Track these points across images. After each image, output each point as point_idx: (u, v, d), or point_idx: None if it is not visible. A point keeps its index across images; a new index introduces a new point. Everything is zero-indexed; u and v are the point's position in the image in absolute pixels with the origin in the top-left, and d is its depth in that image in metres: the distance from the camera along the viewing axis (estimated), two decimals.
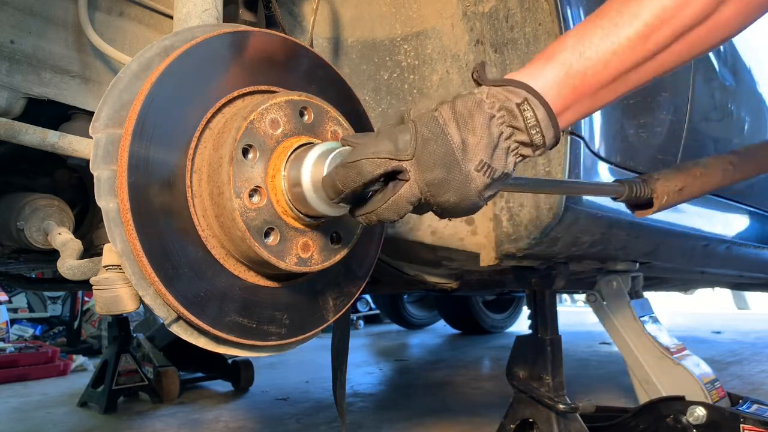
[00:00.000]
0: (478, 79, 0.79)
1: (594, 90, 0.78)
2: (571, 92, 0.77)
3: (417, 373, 4.07)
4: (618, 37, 0.76)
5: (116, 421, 2.88)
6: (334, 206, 0.83)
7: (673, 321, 6.93)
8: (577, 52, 0.77)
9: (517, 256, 1.49)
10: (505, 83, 0.77)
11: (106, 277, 0.85)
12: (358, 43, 1.55)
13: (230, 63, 0.91)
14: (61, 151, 1.01)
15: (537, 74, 0.77)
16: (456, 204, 0.76)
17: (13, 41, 1.06)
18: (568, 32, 0.81)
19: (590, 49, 0.76)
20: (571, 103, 0.78)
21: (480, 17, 1.41)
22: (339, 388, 1.63)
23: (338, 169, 0.77)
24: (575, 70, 0.77)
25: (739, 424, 1.71)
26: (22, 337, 5.33)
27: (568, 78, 0.77)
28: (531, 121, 0.75)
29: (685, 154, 1.87)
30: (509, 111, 0.75)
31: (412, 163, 0.75)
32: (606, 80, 0.78)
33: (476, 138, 0.74)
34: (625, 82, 0.79)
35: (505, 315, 6.30)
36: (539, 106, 0.75)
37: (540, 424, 1.72)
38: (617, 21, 0.76)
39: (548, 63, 0.78)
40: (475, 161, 0.74)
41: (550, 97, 0.76)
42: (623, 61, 0.77)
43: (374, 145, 0.75)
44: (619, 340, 2.09)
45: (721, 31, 0.79)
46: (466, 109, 0.75)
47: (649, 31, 0.75)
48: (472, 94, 0.77)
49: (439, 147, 0.74)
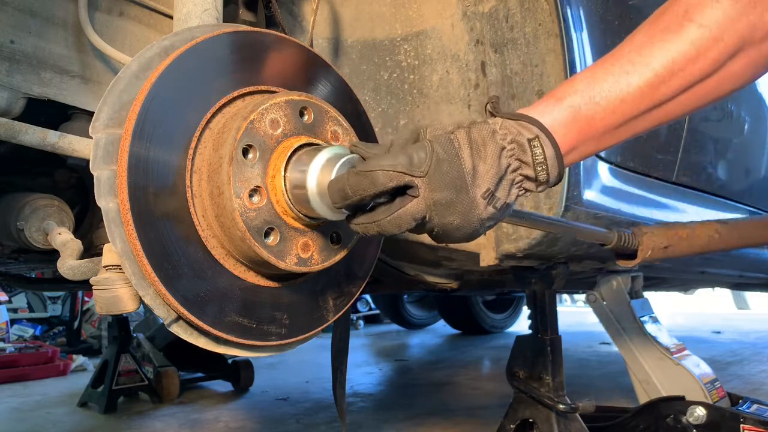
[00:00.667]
0: (493, 110, 0.81)
1: (600, 134, 0.80)
2: (577, 134, 0.79)
3: (417, 373, 4.07)
4: (627, 86, 0.77)
5: (116, 421, 2.88)
6: (337, 211, 0.83)
7: (673, 321, 6.93)
8: (587, 97, 0.79)
9: (517, 256, 1.49)
10: (519, 117, 0.79)
11: (106, 277, 0.85)
12: (358, 43, 1.55)
13: (230, 63, 0.91)
14: (61, 151, 1.01)
15: (545, 114, 0.79)
16: (458, 227, 0.77)
17: (13, 41, 1.06)
18: (578, 74, 0.82)
19: (599, 95, 0.78)
20: (576, 145, 0.80)
21: (480, 17, 1.41)
22: (339, 388, 1.63)
23: (350, 175, 0.77)
24: (583, 114, 0.79)
25: (739, 424, 1.71)
26: (22, 337, 5.33)
27: (575, 121, 0.79)
28: (539, 158, 0.77)
29: (685, 154, 1.87)
30: (520, 145, 0.77)
31: (424, 181, 0.76)
32: (612, 125, 0.80)
33: (486, 166, 0.76)
34: (630, 128, 0.81)
35: (505, 315, 6.30)
36: (549, 145, 0.77)
37: (540, 424, 1.72)
38: (628, 69, 0.78)
39: (558, 104, 0.79)
40: (482, 188, 0.76)
41: (558, 137, 0.78)
42: (631, 109, 0.78)
43: (390, 158, 0.76)
44: (619, 340, 2.09)
45: (730, 83, 0.80)
46: (480, 136, 0.77)
47: (659, 82, 0.77)
48: (486, 123, 0.79)
49: (452, 169, 0.75)
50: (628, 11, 1.57)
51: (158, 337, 3.60)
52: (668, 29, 0.77)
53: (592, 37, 1.42)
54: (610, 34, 1.50)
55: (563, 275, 1.78)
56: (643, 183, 1.70)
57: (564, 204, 1.40)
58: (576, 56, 1.34)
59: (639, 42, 0.79)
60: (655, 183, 1.76)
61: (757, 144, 2.43)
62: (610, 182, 1.55)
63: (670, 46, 0.76)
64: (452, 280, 1.99)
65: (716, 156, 2.15)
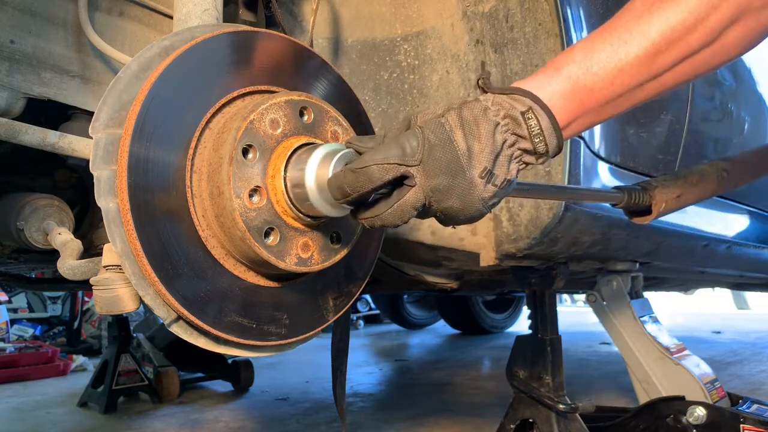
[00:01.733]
0: (484, 86, 0.81)
1: (599, 104, 0.79)
2: (576, 105, 0.79)
3: (417, 373, 4.07)
4: (626, 55, 0.77)
5: (116, 421, 2.88)
6: (337, 208, 0.83)
7: (673, 321, 6.93)
8: (585, 67, 0.78)
9: (517, 256, 1.49)
10: (511, 91, 0.78)
11: (106, 277, 0.85)
12: (358, 43, 1.55)
13: (230, 63, 0.91)
14: (61, 151, 1.01)
15: (544, 85, 0.78)
16: (459, 210, 0.77)
17: (13, 41, 1.06)
18: (576, 44, 0.82)
19: (597, 65, 0.77)
20: (575, 116, 0.79)
21: (480, 17, 1.41)
22: (339, 388, 1.63)
23: (346, 173, 0.77)
24: (582, 84, 0.78)
25: (739, 424, 1.71)
26: (22, 337, 5.33)
27: (574, 91, 0.78)
28: (535, 130, 0.76)
29: (685, 154, 1.87)
30: (514, 119, 0.76)
31: (419, 169, 0.75)
32: (611, 96, 0.79)
33: (481, 145, 0.75)
34: (629, 98, 0.81)
35: (505, 315, 6.30)
36: (543, 115, 0.76)
37: (540, 424, 1.72)
38: (626, 38, 0.77)
39: (555, 75, 0.79)
40: (479, 168, 0.75)
41: (556, 109, 0.77)
42: (629, 78, 0.78)
43: (383, 151, 0.76)
44: (619, 340, 2.09)
45: (725, 53, 0.80)
46: (472, 115, 0.76)
47: (657, 51, 0.76)
48: (477, 101, 0.78)
49: (446, 153, 0.75)
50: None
51: (158, 337, 3.60)
52: None
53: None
54: None
55: (563, 275, 1.78)
56: None
57: (564, 204, 1.40)
58: None
59: (637, 11, 0.78)
60: None
61: (757, 144, 2.43)
62: (610, 182, 1.55)
63: (669, 15, 0.75)
64: (452, 280, 1.99)
65: (716, 156, 2.15)
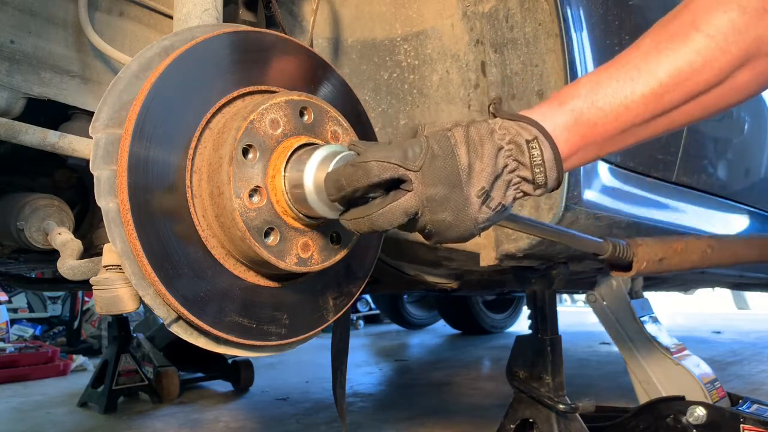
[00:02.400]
0: (495, 111, 0.81)
1: (602, 139, 0.80)
2: (579, 139, 0.79)
3: (417, 373, 4.07)
4: (632, 93, 0.77)
5: (116, 421, 2.88)
6: (334, 209, 0.83)
7: (673, 321, 6.93)
8: (590, 101, 0.78)
9: (517, 256, 1.49)
10: (519, 118, 0.78)
11: (106, 277, 0.85)
12: (358, 43, 1.55)
13: (230, 63, 0.91)
14: (61, 151, 1.01)
15: (547, 116, 0.79)
16: (450, 225, 0.77)
17: (13, 41, 1.06)
18: (582, 78, 0.82)
19: (603, 100, 0.77)
20: (577, 150, 0.80)
21: (480, 17, 1.41)
22: (339, 388, 1.63)
23: (346, 166, 0.77)
24: (586, 118, 0.78)
25: (739, 424, 1.71)
26: (22, 337, 5.33)
27: (577, 125, 0.78)
28: (537, 160, 0.77)
29: (685, 154, 1.87)
30: (518, 145, 0.77)
31: (418, 176, 0.75)
32: (615, 132, 0.79)
33: (482, 165, 0.75)
34: (633, 135, 0.81)
35: (505, 315, 6.30)
36: (547, 146, 0.77)
37: (540, 424, 1.72)
38: (633, 75, 0.77)
39: (561, 107, 0.79)
40: (477, 186, 0.75)
41: (559, 141, 0.78)
42: (634, 116, 0.78)
43: (385, 151, 0.76)
44: (618, 340, 2.09)
45: (735, 95, 0.80)
46: (478, 135, 0.77)
47: (663, 91, 0.76)
48: (486, 122, 0.79)
49: (446, 165, 0.75)
50: (628, 11, 1.57)
51: (158, 337, 3.60)
52: (675, 37, 0.76)
53: (592, 37, 1.42)
54: (610, 34, 1.50)
55: (563, 275, 1.78)
56: (643, 183, 1.70)
57: (564, 204, 1.40)
58: (576, 56, 1.34)
59: (645, 48, 0.78)
60: (656, 183, 1.76)
61: (757, 144, 2.44)
62: (611, 182, 1.55)
63: (676, 55, 0.75)
64: (452, 280, 1.99)
65: (716, 156, 2.15)
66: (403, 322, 6.66)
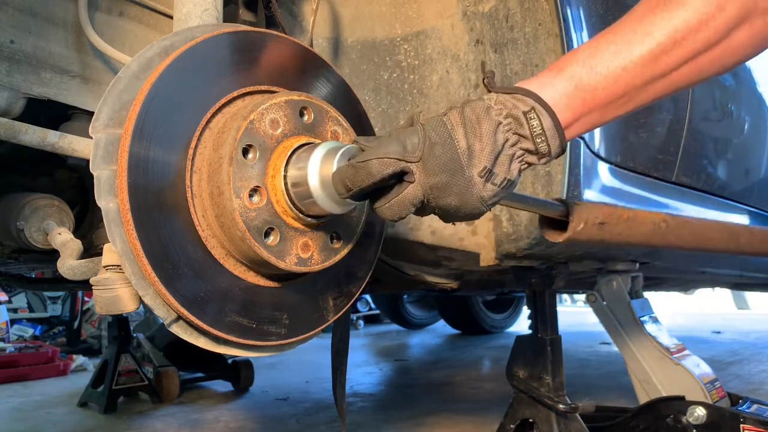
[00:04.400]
0: (488, 85, 0.81)
1: (603, 104, 0.79)
2: (580, 105, 0.79)
3: (417, 373, 4.07)
4: (630, 55, 0.77)
5: (116, 421, 2.88)
6: (341, 204, 0.83)
7: (673, 321, 6.93)
8: (588, 67, 0.78)
9: (517, 256, 1.49)
10: (514, 91, 0.78)
11: (106, 277, 0.85)
12: (358, 43, 1.55)
13: (230, 63, 0.91)
14: (61, 151, 1.01)
15: (547, 85, 0.79)
16: (457, 208, 0.78)
17: (13, 41, 1.06)
18: (580, 46, 0.82)
19: (601, 65, 0.78)
20: (579, 116, 0.79)
21: (480, 17, 1.41)
22: (339, 388, 1.63)
23: (348, 168, 0.77)
24: (585, 83, 0.78)
25: (739, 424, 1.71)
26: (22, 337, 5.33)
27: (577, 91, 0.78)
28: (537, 130, 0.76)
29: (685, 154, 1.87)
30: (516, 118, 0.77)
31: (419, 166, 0.76)
32: (615, 96, 0.79)
33: (482, 144, 0.75)
34: (633, 99, 0.80)
35: (505, 315, 6.30)
36: (546, 115, 0.77)
37: (540, 424, 1.72)
38: (630, 38, 0.77)
39: (559, 75, 0.79)
40: (478, 167, 0.75)
41: (559, 108, 0.77)
42: (633, 78, 0.78)
43: (384, 147, 0.76)
44: (619, 340, 2.09)
45: (732, 56, 0.79)
46: (474, 114, 0.76)
47: (661, 51, 0.76)
48: (481, 99, 0.78)
49: (446, 152, 0.75)
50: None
51: (158, 337, 3.60)
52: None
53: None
54: None
55: (563, 275, 1.78)
56: (643, 183, 1.70)
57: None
58: None
59: (641, 13, 0.79)
60: (655, 183, 1.76)
61: (757, 144, 2.44)
62: (610, 182, 1.55)
63: (672, 15, 0.75)
64: (452, 280, 1.99)
65: (716, 156, 2.15)
66: (403, 322, 6.66)
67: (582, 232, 0.95)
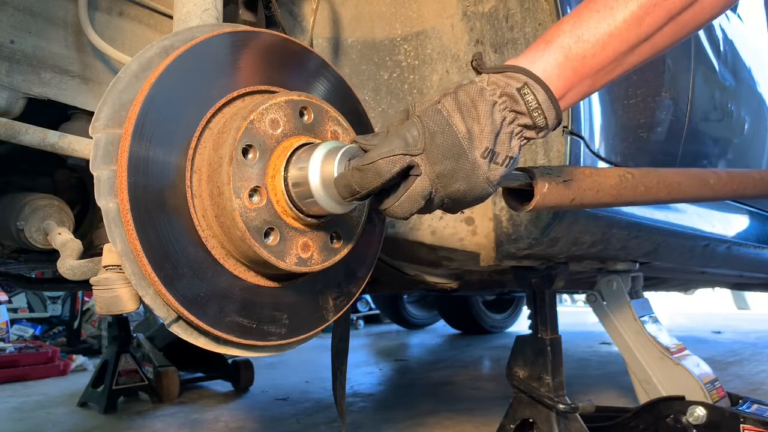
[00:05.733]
0: (478, 67, 0.82)
1: (594, 71, 0.81)
2: (571, 74, 0.80)
3: (417, 373, 4.07)
4: (614, 20, 0.79)
5: (116, 421, 2.88)
6: (343, 204, 0.83)
7: (673, 321, 6.93)
8: (575, 36, 0.80)
9: (517, 256, 1.49)
10: (505, 69, 0.79)
11: (106, 277, 0.85)
12: (358, 43, 1.55)
13: (230, 63, 0.91)
14: (61, 151, 1.01)
15: (537, 59, 0.80)
16: (465, 192, 0.78)
17: (13, 41, 1.06)
18: (563, 18, 0.84)
19: (588, 32, 0.80)
20: (572, 85, 0.81)
21: (480, 17, 1.41)
22: (339, 388, 1.63)
23: (353, 172, 0.77)
24: (574, 52, 0.80)
25: (739, 424, 1.71)
26: (22, 337, 5.33)
27: (567, 61, 0.80)
28: (532, 104, 0.78)
29: (685, 153, 1.87)
30: (510, 96, 0.78)
31: (423, 157, 0.76)
32: (605, 62, 0.81)
33: (480, 126, 0.76)
34: (622, 63, 0.83)
35: (505, 315, 6.30)
36: (539, 89, 0.78)
37: (540, 424, 1.72)
38: (612, 4, 0.80)
39: (547, 47, 0.81)
40: (480, 149, 0.76)
41: (552, 80, 0.79)
42: (620, 43, 0.80)
43: (386, 145, 0.77)
44: (619, 340, 2.09)
45: (708, 11, 0.83)
46: (468, 98, 0.78)
47: (643, 13, 0.79)
48: (473, 83, 0.80)
49: (446, 139, 0.76)
50: None
51: (158, 337, 3.60)
52: None
53: None
54: None
55: (563, 275, 1.78)
56: None
57: None
58: None
59: None
60: None
61: (757, 144, 2.44)
62: None
63: None
64: (452, 280, 1.99)
65: (716, 156, 2.15)
66: (403, 322, 6.66)
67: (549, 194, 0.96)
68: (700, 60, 1.96)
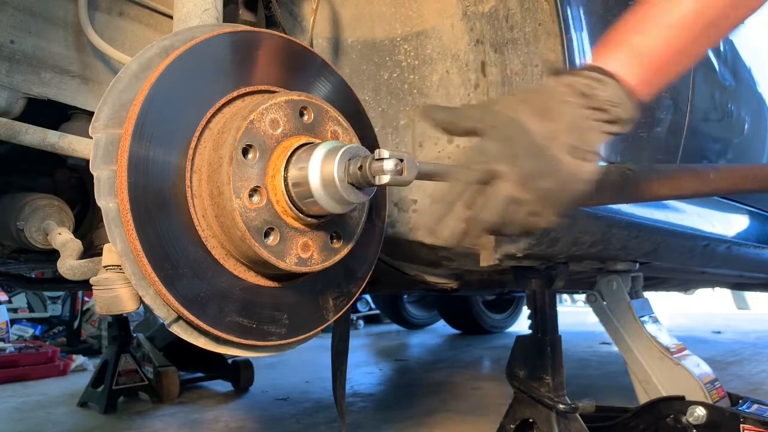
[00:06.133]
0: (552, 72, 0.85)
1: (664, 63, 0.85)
2: (644, 69, 0.83)
3: (417, 373, 4.07)
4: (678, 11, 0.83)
5: (116, 421, 2.88)
6: (342, 203, 0.83)
7: (673, 321, 6.93)
8: (641, 32, 0.83)
9: (517, 256, 1.49)
10: (576, 71, 0.83)
11: (106, 277, 0.85)
12: (358, 43, 1.55)
13: (230, 63, 0.91)
14: (61, 151, 1.01)
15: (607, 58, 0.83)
16: (558, 190, 0.78)
17: (13, 41, 1.06)
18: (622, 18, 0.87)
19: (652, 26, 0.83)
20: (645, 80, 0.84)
21: (480, 17, 1.41)
22: (339, 388, 1.63)
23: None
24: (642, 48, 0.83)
25: (739, 424, 1.71)
26: (22, 337, 5.33)
27: (637, 57, 0.83)
28: (607, 99, 0.80)
29: (685, 154, 1.87)
30: (584, 94, 0.80)
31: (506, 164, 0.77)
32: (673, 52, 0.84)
33: (557, 125, 0.78)
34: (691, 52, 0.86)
35: (505, 315, 6.30)
36: (613, 84, 0.81)
37: (540, 424, 1.72)
38: None
39: (615, 47, 0.84)
40: (560, 145, 0.78)
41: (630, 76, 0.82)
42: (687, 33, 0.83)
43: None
44: (618, 340, 2.09)
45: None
46: (541, 101, 0.80)
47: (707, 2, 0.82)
48: (546, 87, 0.82)
49: (525, 142, 0.77)
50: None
51: (158, 337, 3.60)
52: None
53: (592, 37, 1.42)
54: None
55: (563, 275, 1.78)
56: None
57: None
58: (576, 57, 1.34)
59: None
60: None
61: (757, 144, 2.44)
62: None
63: None
64: (452, 280, 1.99)
65: (716, 156, 2.15)
66: (403, 322, 6.65)
67: None
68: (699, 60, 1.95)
